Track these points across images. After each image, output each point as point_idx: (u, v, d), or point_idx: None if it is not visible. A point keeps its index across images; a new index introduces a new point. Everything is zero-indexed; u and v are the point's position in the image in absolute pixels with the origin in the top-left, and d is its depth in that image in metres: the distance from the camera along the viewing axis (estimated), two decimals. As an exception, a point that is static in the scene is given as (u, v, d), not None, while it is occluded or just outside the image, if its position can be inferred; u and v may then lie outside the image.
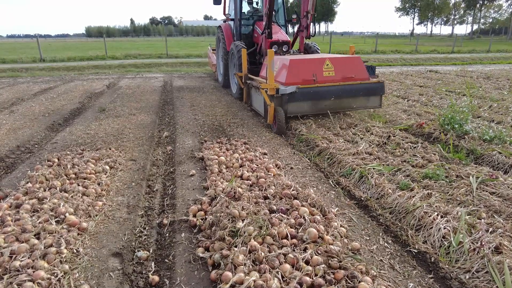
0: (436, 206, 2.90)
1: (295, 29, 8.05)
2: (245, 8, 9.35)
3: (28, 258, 2.24)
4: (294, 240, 2.47)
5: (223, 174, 3.73)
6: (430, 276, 2.29)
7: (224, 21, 9.89)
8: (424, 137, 5.14)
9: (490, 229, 2.57)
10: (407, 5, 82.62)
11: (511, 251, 2.34)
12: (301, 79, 5.58)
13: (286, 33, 8.89)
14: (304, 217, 2.72)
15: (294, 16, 8.46)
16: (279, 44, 7.60)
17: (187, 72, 14.52)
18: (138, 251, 2.59)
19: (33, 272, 2.11)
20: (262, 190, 3.24)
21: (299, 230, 2.58)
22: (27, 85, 10.82)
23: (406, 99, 7.94)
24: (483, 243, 2.37)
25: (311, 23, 7.33)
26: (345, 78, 5.84)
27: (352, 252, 2.43)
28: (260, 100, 6.28)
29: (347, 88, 5.73)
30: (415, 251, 2.52)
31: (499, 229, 2.57)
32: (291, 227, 2.61)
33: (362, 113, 6.48)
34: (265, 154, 4.44)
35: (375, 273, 2.21)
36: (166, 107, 7.72)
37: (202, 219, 2.88)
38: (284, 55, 7.28)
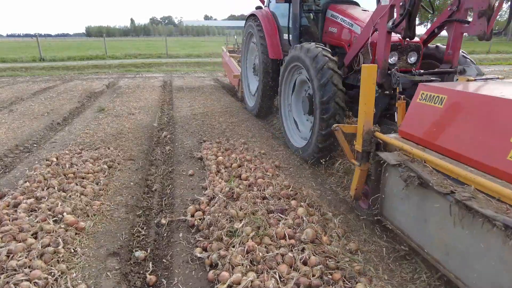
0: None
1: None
2: None
3: (25, 257, 2.24)
4: (292, 241, 2.47)
5: (221, 174, 3.73)
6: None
7: (258, 8, 6.32)
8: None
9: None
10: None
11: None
12: None
13: None
14: (302, 218, 2.72)
15: None
16: (401, 50, 3.80)
17: (187, 72, 14.51)
18: (136, 251, 2.59)
19: (30, 271, 2.11)
20: (260, 190, 3.24)
21: (297, 231, 2.58)
22: (27, 84, 10.81)
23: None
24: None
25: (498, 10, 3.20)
26: None
27: (350, 253, 2.43)
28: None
29: None
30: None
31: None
32: (289, 228, 2.61)
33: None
34: (264, 154, 4.44)
35: (372, 274, 2.20)
36: (166, 106, 7.72)
37: (200, 219, 2.88)
38: (425, 78, 3.47)
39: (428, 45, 4.08)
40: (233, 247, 2.39)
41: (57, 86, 10.43)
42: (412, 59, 3.88)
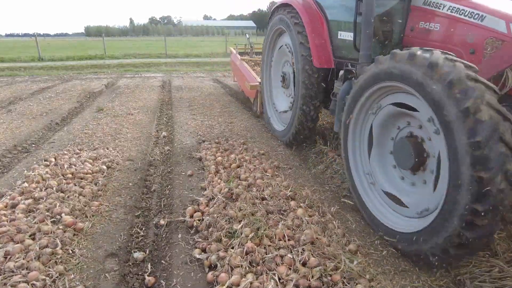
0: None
1: None
2: None
3: (23, 258, 2.23)
4: (291, 242, 2.45)
5: (220, 174, 3.71)
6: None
7: None
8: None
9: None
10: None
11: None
12: None
13: None
14: (301, 219, 2.71)
15: None
16: None
17: (186, 72, 14.49)
18: (135, 252, 2.58)
19: (28, 273, 2.10)
20: (259, 191, 3.22)
21: (296, 232, 2.57)
22: (25, 84, 10.78)
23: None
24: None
25: None
26: None
27: (350, 254, 2.42)
28: None
29: None
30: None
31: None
32: (288, 229, 2.60)
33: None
34: (263, 154, 4.42)
35: (372, 275, 2.20)
36: (165, 107, 7.70)
37: (199, 220, 2.87)
38: None
39: None
40: (232, 248, 2.38)
41: (56, 86, 10.40)
42: None
